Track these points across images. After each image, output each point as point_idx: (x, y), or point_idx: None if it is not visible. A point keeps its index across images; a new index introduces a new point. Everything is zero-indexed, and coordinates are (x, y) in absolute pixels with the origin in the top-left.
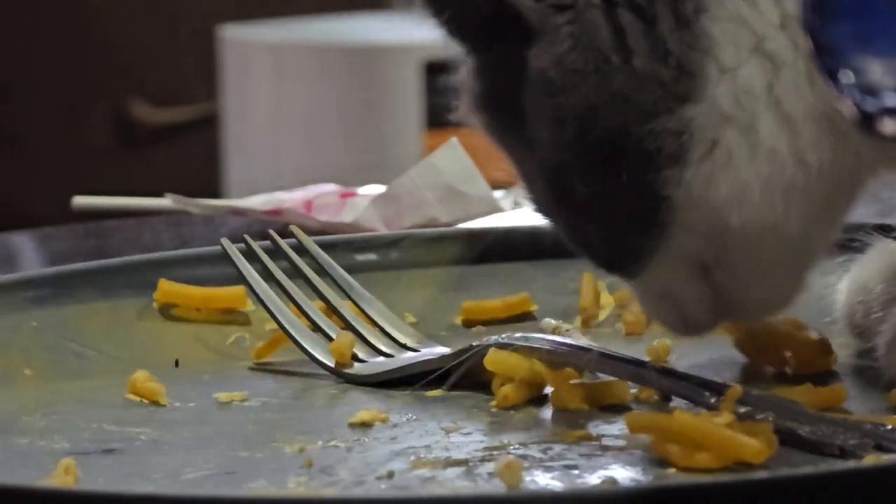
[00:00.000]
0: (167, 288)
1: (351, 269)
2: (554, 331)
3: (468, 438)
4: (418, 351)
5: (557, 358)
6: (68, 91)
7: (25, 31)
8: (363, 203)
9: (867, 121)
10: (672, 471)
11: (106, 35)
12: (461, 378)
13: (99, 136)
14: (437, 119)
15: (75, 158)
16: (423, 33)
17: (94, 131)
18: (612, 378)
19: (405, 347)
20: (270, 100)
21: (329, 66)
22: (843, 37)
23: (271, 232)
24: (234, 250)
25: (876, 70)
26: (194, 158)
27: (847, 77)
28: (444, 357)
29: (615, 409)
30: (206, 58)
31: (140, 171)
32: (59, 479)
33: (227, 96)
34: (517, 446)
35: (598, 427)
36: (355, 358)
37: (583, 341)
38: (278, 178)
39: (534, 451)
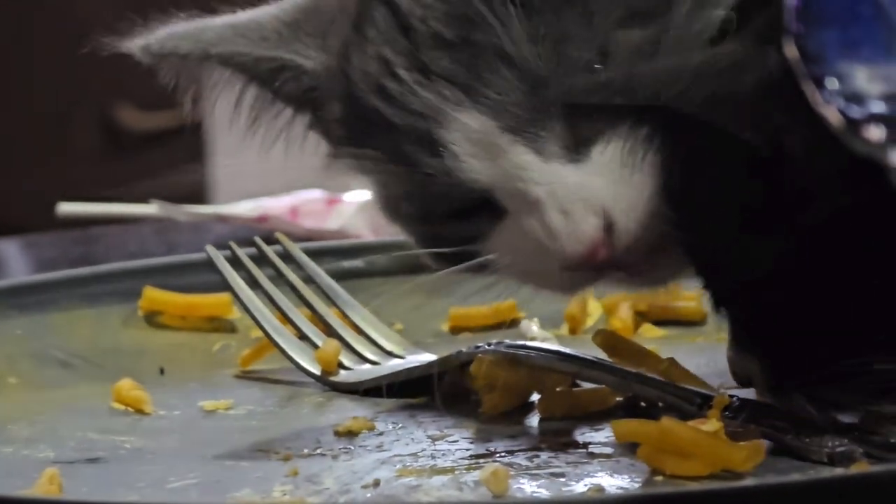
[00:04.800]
0: (152, 295)
1: (337, 277)
2: (532, 337)
3: (454, 446)
4: (405, 358)
5: (544, 365)
6: (54, 96)
7: (10, 37)
8: (349, 210)
9: (852, 127)
10: (659, 478)
11: (91, 39)
12: (448, 385)
13: (85, 142)
14: None
15: (61, 164)
16: None
17: (81, 137)
18: (598, 386)
19: (391, 355)
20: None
21: None
22: (828, 44)
23: (257, 239)
24: (219, 257)
25: (861, 77)
26: (181, 164)
27: (832, 84)
28: (430, 364)
29: (602, 416)
30: None
31: (127, 177)
32: (44, 488)
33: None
34: (504, 454)
35: (585, 434)
36: (341, 366)
37: (569, 349)
38: (264, 182)
39: (520, 459)
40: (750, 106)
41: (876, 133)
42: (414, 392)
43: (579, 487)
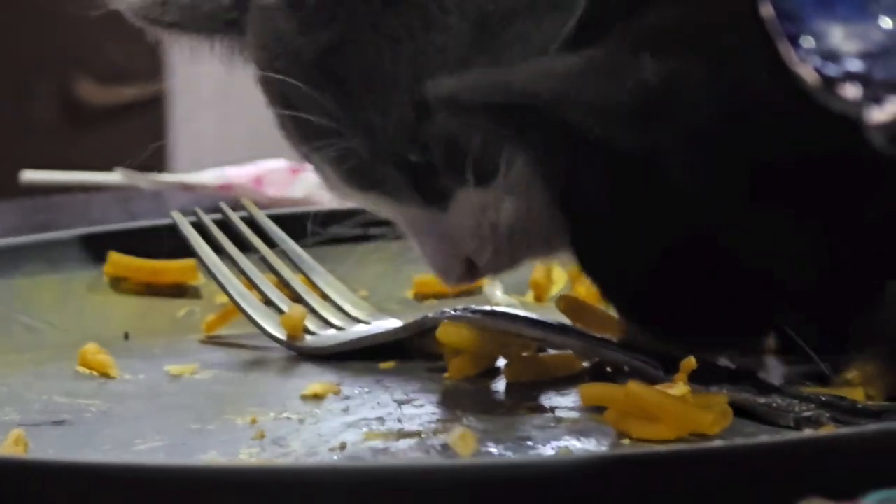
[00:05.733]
0: (117, 261)
1: (302, 243)
2: (497, 303)
3: (421, 410)
4: (370, 324)
5: (510, 330)
6: (12, 69)
7: None
8: (313, 178)
9: (829, 86)
10: (626, 442)
11: (49, 12)
12: (414, 351)
13: (45, 116)
14: None
15: (21, 138)
16: None
17: (40, 111)
18: (564, 351)
19: (357, 320)
20: (218, 76)
21: None
22: (803, 2)
23: (222, 204)
24: (185, 223)
25: (837, 35)
26: (142, 137)
27: (808, 42)
28: (396, 330)
29: (568, 381)
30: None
31: (87, 151)
32: (9, 449)
33: (173, 73)
34: (470, 418)
35: (552, 399)
36: (307, 331)
37: (535, 314)
38: (227, 155)
39: (487, 423)
40: (625, 114)
41: (852, 91)
42: (380, 357)
43: (546, 451)
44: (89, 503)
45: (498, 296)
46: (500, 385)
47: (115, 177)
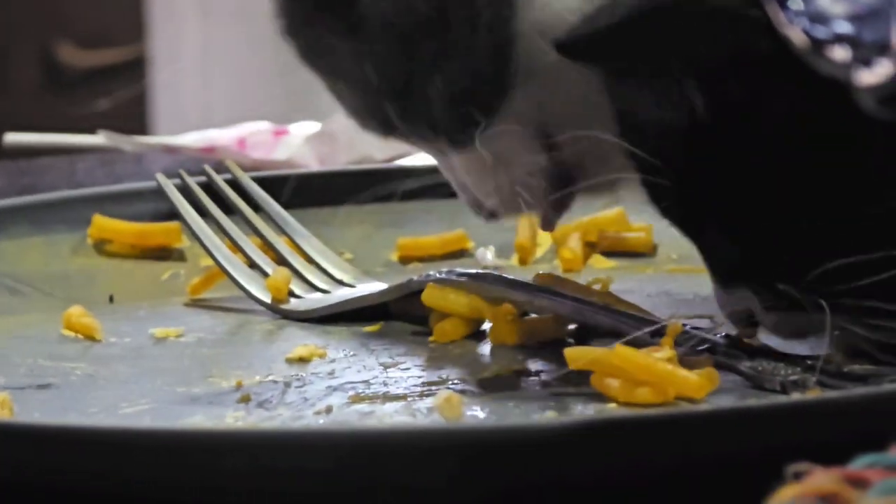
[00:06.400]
0: (101, 223)
1: (286, 206)
2: (485, 266)
3: (406, 374)
4: (355, 287)
5: (495, 294)
6: None
7: None
8: (297, 141)
9: (817, 48)
10: (612, 405)
11: None
12: (399, 314)
13: (25, 80)
14: None
15: (3, 101)
16: None
17: (20, 75)
18: (550, 314)
19: (342, 283)
20: (199, 39)
21: (259, 2)
22: None
23: (207, 167)
24: (169, 185)
25: None
26: (124, 101)
27: (796, 4)
28: (381, 292)
29: (554, 344)
30: None
31: (69, 115)
32: None
33: (155, 37)
34: (456, 381)
35: (537, 362)
36: (292, 294)
37: (520, 277)
38: (209, 118)
39: (472, 387)
40: None
41: (841, 53)
42: (365, 321)
43: (532, 415)
44: (75, 467)
45: (487, 257)
46: (485, 348)
47: (98, 139)
